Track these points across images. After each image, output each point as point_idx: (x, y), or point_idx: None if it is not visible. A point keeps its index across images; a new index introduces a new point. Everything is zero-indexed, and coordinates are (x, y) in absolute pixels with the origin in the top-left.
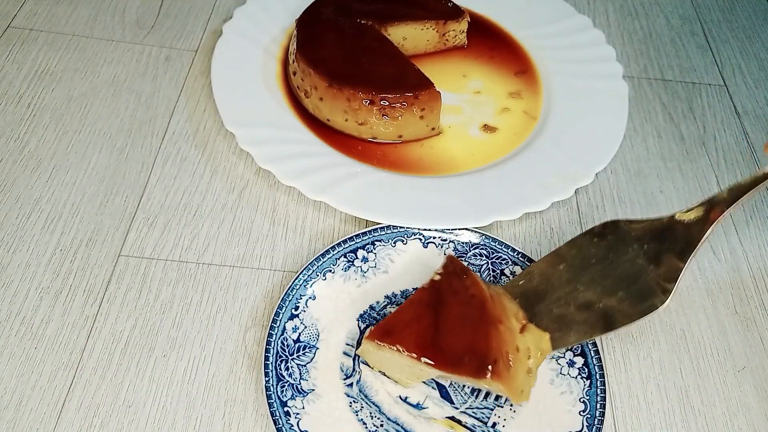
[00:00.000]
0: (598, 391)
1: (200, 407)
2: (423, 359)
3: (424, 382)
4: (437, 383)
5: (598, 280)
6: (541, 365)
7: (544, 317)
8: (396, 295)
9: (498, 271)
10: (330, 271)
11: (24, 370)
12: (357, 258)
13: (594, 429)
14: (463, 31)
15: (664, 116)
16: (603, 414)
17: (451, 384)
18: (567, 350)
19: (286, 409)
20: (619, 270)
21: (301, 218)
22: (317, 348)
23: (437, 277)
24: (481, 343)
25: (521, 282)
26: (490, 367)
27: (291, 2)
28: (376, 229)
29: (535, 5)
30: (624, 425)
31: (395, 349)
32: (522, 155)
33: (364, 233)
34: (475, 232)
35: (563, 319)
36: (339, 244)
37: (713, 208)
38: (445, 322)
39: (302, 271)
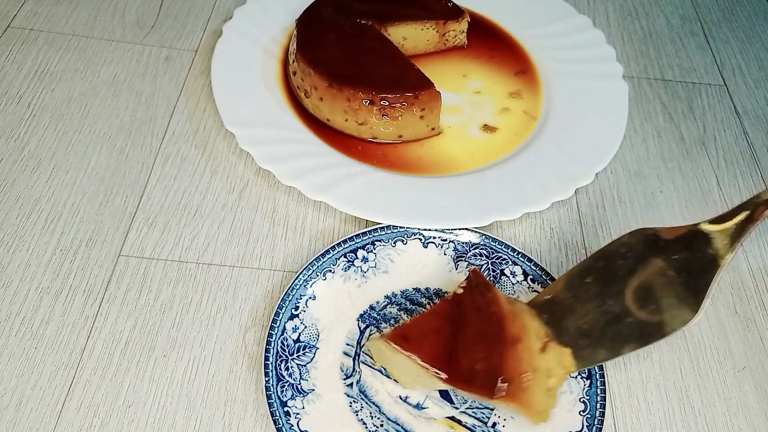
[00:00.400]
0: (598, 391)
1: (200, 407)
2: (437, 373)
3: None
4: None
5: (627, 293)
6: None
7: (572, 333)
8: (396, 295)
9: (498, 271)
10: (330, 271)
11: (24, 370)
12: (357, 258)
13: (594, 429)
14: (463, 31)
15: (664, 116)
16: (603, 414)
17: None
18: None
19: (286, 409)
20: (648, 282)
21: (301, 218)
22: (317, 348)
23: (460, 291)
24: (495, 362)
25: (547, 296)
26: (502, 387)
27: (291, 2)
28: (376, 229)
29: (535, 5)
30: (624, 425)
31: (411, 357)
32: (522, 155)
33: (364, 233)
34: (475, 232)
35: (592, 334)
36: (339, 244)
37: (745, 214)
38: (464, 337)
39: (302, 271)
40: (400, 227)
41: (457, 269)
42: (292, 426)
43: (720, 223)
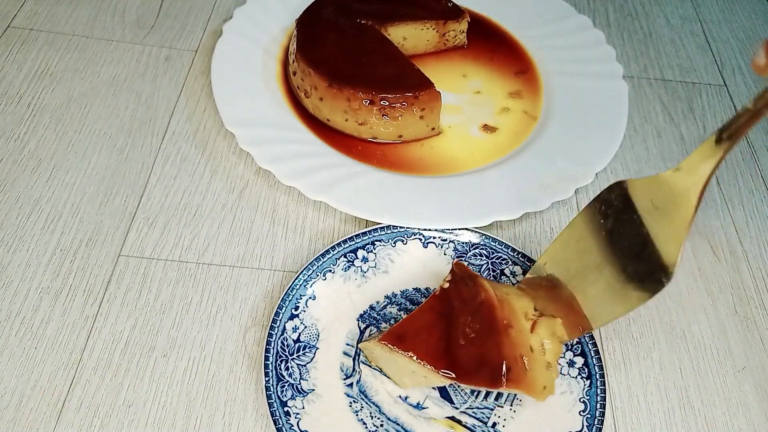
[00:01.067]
0: (598, 391)
1: (200, 407)
2: (442, 371)
3: None
4: None
5: (609, 255)
6: None
7: (560, 304)
8: (396, 295)
9: (498, 271)
10: (330, 271)
11: (24, 370)
12: (357, 258)
13: (594, 429)
14: (463, 31)
15: (664, 116)
16: (603, 414)
17: (451, 384)
18: (567, 350)
19: (286, 409)
20: (626, 241)
21: (301, 218)
22: (317, 348)
23: (446, 285)
24: (492, 352)
25: (545, 264)
26: (504, 375)
27: (291, 2)
28: (376, 229)
29: (535, 5)
30: (624, 425)
31: (408, 356)
32: (522, 155)
33: (364, 233)
34: (475, 232)
35: (577, 304)
36: (339, 244)
37: (709, 155)
38: (456, 331)
39: (302, 271)
40: (400, 227)
41: None
42: (292, 426)
43: (685, 166)
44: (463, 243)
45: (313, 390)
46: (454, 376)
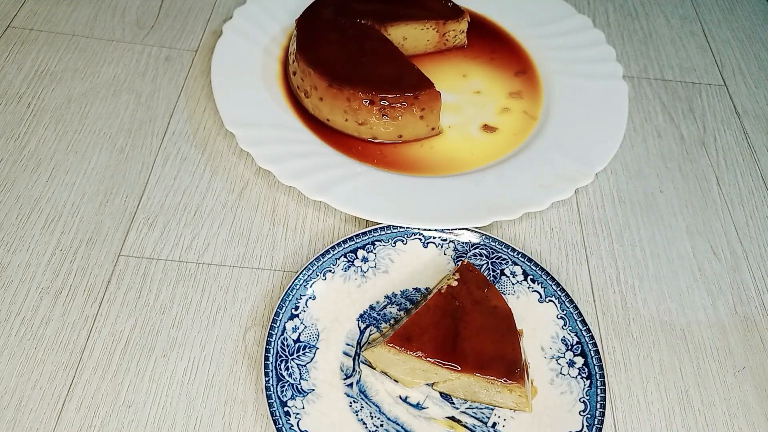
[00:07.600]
0: (598, 391)
1: (200, 407)
2: (447, 364)
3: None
4: None
5: None
6: (542, 365)
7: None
8: (396, 295)
9: (498, 271)
10: (330, 271)
11: (24, 370)
12: (357, 258)
13: (594, 429)
14: (463, 31)
15: (664, 116)
16: (603, 414)
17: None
18: (567, 350)
19: (286, 409)
20: None
21: (301, 218)
22: (317, 348)
23: (454, 283)
24: (508, 349)
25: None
26: (518, 371)
27: (291, 2)
28: (376, 229)
29: (535, 5)
30: (624, 425)
31: (416, 355)
32: (522, 155)
33: (364, 233)
34: (475, 232)
35: None
36: (339, 244)
37: None
38: (467, 328)
39: (302, 271)
40: (400, 227)
41: None
42: (292, 426)
43: None
44: (463, 243)
45: (313, 390)
46: (459, 368)
